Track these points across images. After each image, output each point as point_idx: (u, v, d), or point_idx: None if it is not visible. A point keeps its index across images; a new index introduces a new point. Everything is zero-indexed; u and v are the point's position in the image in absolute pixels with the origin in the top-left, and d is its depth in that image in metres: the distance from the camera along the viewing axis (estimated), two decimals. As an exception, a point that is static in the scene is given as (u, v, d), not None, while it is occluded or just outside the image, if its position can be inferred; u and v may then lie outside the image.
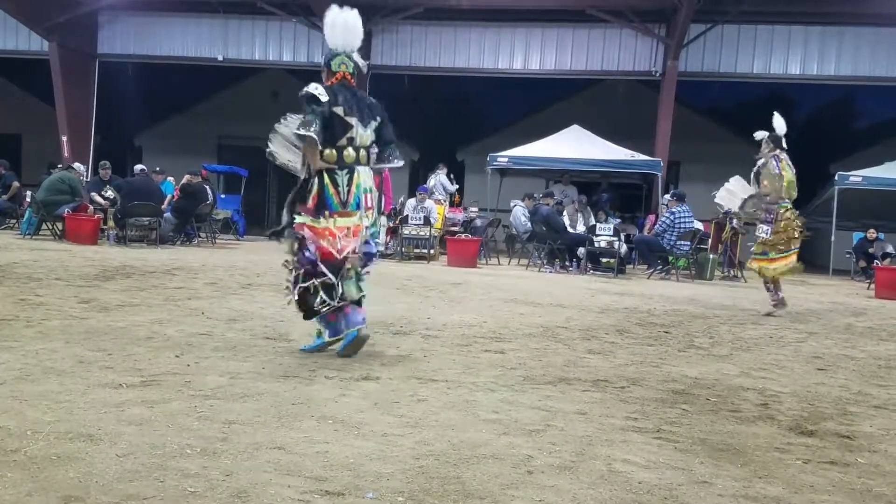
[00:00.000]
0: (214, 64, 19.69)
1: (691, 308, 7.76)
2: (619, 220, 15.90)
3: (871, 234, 14.96)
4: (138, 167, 14.08)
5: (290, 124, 4.15)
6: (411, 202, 13.94)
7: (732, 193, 7.95)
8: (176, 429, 2.62)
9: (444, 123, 28.10)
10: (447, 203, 15.31)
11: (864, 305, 9.40)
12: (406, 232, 13.13)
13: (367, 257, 4.36)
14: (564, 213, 13.46)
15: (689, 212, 12.31)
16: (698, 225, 12.62)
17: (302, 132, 3.93)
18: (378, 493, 2.16)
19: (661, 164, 15.60)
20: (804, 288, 12.11)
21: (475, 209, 16.01)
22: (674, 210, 12.35)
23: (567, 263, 12.68)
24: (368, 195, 4.18)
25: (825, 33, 17.16)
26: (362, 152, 4.16)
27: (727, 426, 3.13)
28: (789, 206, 7.57)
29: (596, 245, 12.33)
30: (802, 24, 17.12)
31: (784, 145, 7.62)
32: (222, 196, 18.73)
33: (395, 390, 3.41)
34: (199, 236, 14.50)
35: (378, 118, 4.26)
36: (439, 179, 15.77)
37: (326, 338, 4.21)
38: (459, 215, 15.57)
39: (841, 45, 17.13)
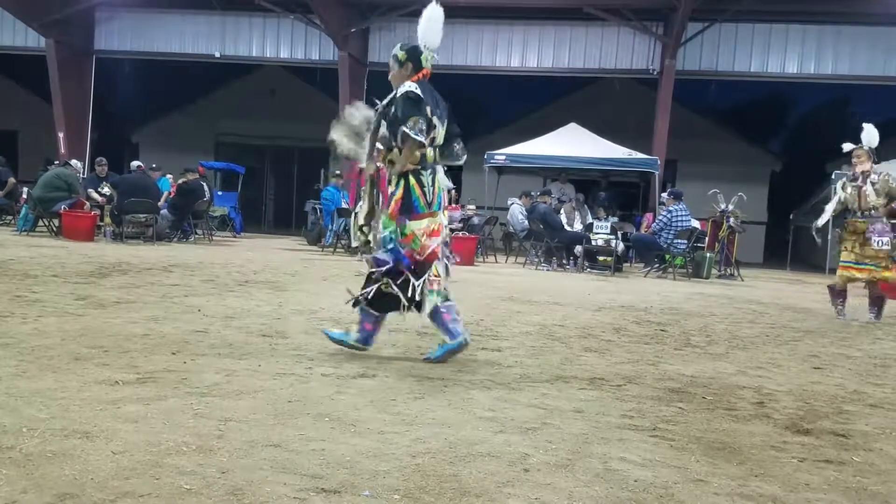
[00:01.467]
0: (212, 61, 19.67)
1: (688, 306, 7.77)
2: (616, 219, 15.92)
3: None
4: (135, 164, 14.06)
5: (356, 115, 4.10)
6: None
7: (825, 212, 7.93)
8: (172, 426, 2.62)
9: (442, 121, 28.05)
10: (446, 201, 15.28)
11: (861, 304, 9.40)
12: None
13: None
14: (562, 211, 13.46)
15: (685, 210, 12.32)
16: (695, 223, 12.64)
17: (420, 138, 3.79)
18: (374, 490, 2.15)
19: (659, 162, 15.61)
20: (800, 286, 12.14)
21: (472, 207, 16.02)
22: (671, 208, 12.37)
23: (564, 261, 12.69)
24: (445, 195, 4.12)
25: (822, 32, 17.18)
26: (437, 151, 4.05)
27: (723, 424, 3.13)
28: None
29: (593, 243, 12.34)
30: (800, 22, 17.15)
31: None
32: (219, 193, 18.72)
33: (391, 388, 3.40)
34: (196, 233, 14.49)
35: (447, 115, 4.10)
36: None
37: (449, 342, 4.00)
38: (457, 213, 15.58)
39: (838, 45, 17.16)
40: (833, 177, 15.32)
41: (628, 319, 6.39)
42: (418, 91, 3.85)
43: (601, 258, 12.45)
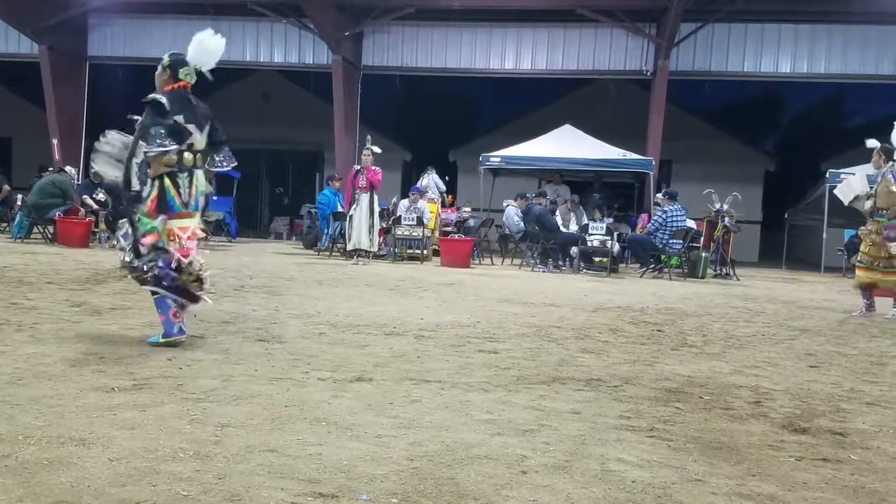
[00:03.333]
0: (205, 65, 19.61)
1: (684, 306, 7.78)
2: (611, 220, 15.93)
3: (863, 231, 15.00)
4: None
5: (112, 142, 4.37)
6: (404, 203, 13.94)
7: (850, 188, 7.87)
8: (168, 432, 2.61)
9: (436, 124, 28.10)
10: (440, 202, 15.33)
11: (856, 302, 9.43)
12: (399, 233, 13.12)
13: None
14: (557, 212, 13.48)
15: (681, 210, 12.34)
16: (690, 223, 12.66)
17: (156, 149, 4.08)
18: (372, 494, 2.15)
19: (653, 162, 15.63)
20: (796, 286, 12.16)
21: (468, 209, 16.02)
22: (666, 209, 12.38)
23: (560, 263, 12.70)
24: (202, 199, 4.40)
25: (815, 31, 17.24)
26: (199, 157, 4.37)
27: (720, 424, 3.13)
28: None
29: (589, 244, 12.35)
30: (792, 22, 17.20)
31: None
32: (214, 198, 18.64)
33: (388, 391, 3.40)
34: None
35: (209, 123, 4.46)
36: (432, 178, 15.77)
37: (160, 338, 4.23)
38: (452, 215, 15.58)
39: (831, 43, 17.22)
40: (827, 175, 15.36)
41: (625, 320, 6.40)
42: (163, 99, 4.18)
43: (597, 259, 12.47)
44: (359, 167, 11.83)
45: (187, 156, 4.26)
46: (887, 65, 16.97)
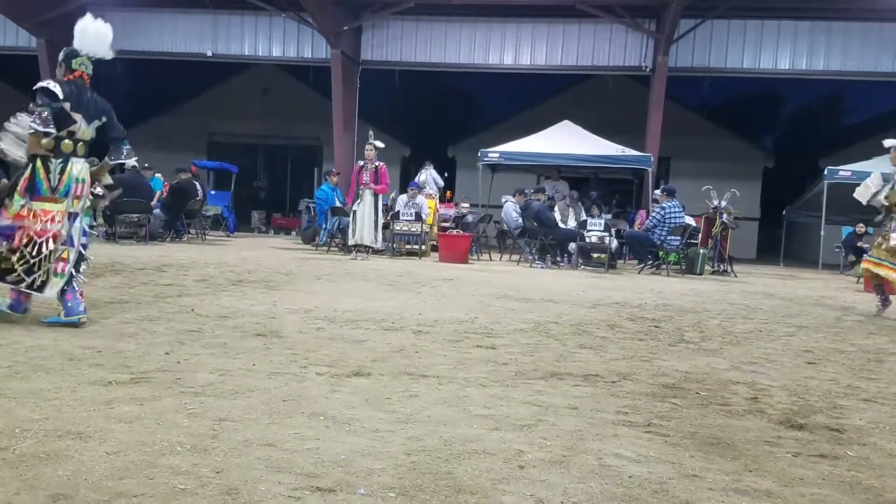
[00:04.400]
0: (204, 60, 19.59)
1: (681, 303, 7.79)
2: (610, 216, 15.94)
3: (861, 228, 15.05)
4: (131, 163, 13.94)
5: (21, 123, 4.55)
6: (402, 198, 13.94)
7: (867, 188, 7.94)
8: (166, 426, 2.61)
9: (435, 119, 28.10)
10: (438, 198, 15.33)
11: (854, 299, 9.45)
12: (397, 228, 13.12)
13: (81, 247, 4.61)
14: (555, 208, 13.47)
15: (679, 207, 12.34)
16: (689, 220, 12.66)
17: (38, 127, 4.26)
18: (369, 488, 2.15)
19: (652, 159, 15.63)
20: (794, 282, 12.18)
21: (466, 205, 16.02)
22: (664, 205, 12.38)
23: (558, 259, 12.70)
24: (80, 185, 4.54)
25: (814, 28, 17.24)
26: (80, 146, 4.54)
27: (717, 420, 3.14)
28: None
29: (587, 240, 12.35)
30: (792, 18, 17.20)
31: None
32: (212, 192, 18.66)
33: (386, 386, 3.40)
34: (189, 233, 14.46)
35: (104, 118, 4.65)
36: (430, 174, 15.76)
37: (63, 317, 4.38)
38: (451, 211, 15.58)
39: (830, 40, 17.21)
40: (825, 172, 15.38)
41: (622, 316, 6.40)
42: (54, 88, 4.37)
43: (595, 255, 12.47)
44: (363, 163, 11.82)
45: (66, 143, 4.42)
46: (886, 62, 16.97)
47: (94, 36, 4.64)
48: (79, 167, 4.53)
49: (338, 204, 13.53)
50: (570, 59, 18.20)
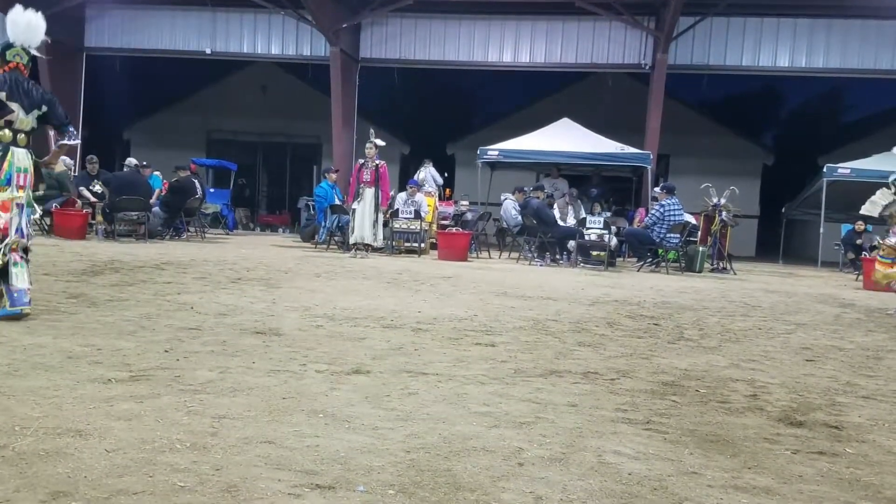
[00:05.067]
0: (203, 57, 19.58)
1: (681, 300, 7.79)
2: (609, 213, 15.93)
3: (860, 226, 15.04)
4: (132, 161, 13.94)
5: None
6: (402, 196, 13.93)
7: (875, 203, 8.12)
8: (165, 423, 2.61)
9: (434, 117, 28.05)
10: (437, 196, 15.32)
11: (853, 297, 9.46)
12: (396, 226, 13.11)
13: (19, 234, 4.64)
14: (555, 206, 13.47)
15: (678, 205, 12.34)
16: (688, 217, 12.66)
17: None
18: (369, 486, 2.15)
19: (651, 156, 15.62)
20: (793, 280, 12.19)
21: (466, 203, 16.01)
22: (663, 203, 12.38)
23: (557, 256, 12.70)
24: (22, 175, 4.56)
25: (814, 26, 17.23)
26: (21, 136, 4.57)
27: (716, 417, 3.14)
28: None
29: (586, 238, 12.35)
30: (791, 16, 17.19)
31: None
32: (211, 190, 18.65)
33: (385, 384, 3.40)
34: (189, 231, 14.45)
35: (45, 107, 4.66)
36: (429, 171, 15.76)
37: (8, 307, 4.42)
38: (450, 209, 15.57)
39: (829, 38, 17.21)
40: (825, 170, 15.37)
41: (622, 314, 6.40)
42: None
43: (594, 253, 12.47)
44: (363, 161, 11.81)
45: (4, 133, 4.48)
46: (885, 59, 16.97)
47: (26, 27, 4.62)
48: (21, 157, 4.58)
49: (337, 202, 13.52)
50: (569, 57, 18.19)
